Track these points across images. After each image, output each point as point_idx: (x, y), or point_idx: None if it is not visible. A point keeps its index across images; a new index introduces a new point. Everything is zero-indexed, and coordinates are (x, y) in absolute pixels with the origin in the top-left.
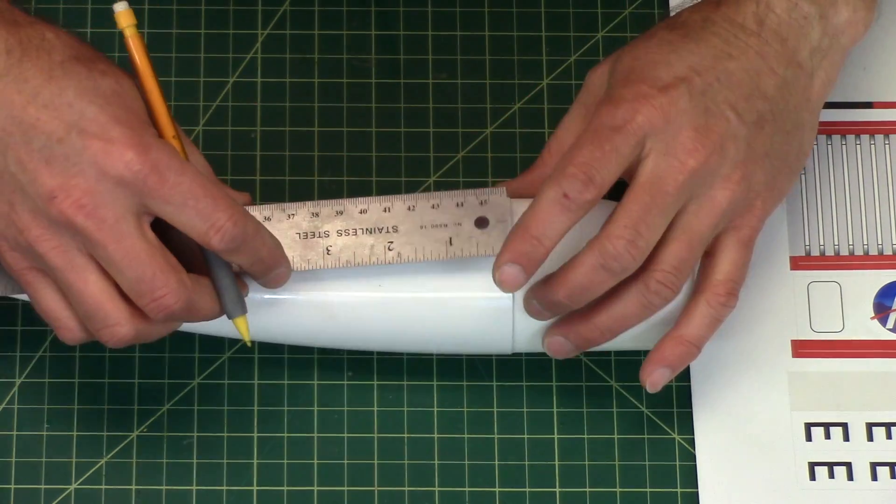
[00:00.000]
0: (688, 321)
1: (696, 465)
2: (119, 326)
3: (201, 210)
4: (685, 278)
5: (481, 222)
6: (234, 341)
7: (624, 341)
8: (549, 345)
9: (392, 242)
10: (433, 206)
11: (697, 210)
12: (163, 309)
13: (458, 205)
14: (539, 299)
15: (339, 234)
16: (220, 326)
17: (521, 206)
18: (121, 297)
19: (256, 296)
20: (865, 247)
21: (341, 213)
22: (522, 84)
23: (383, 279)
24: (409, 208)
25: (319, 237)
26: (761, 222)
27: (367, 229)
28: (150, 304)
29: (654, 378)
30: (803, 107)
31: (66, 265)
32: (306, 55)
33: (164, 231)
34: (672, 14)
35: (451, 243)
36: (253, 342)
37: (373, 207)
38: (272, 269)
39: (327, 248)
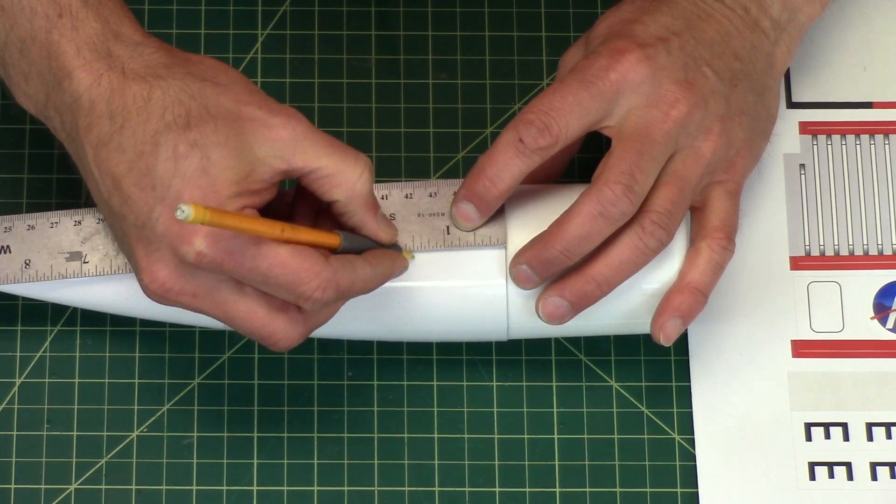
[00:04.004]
0: (692, 268)
1: (696, 465)
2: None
3: (283, 286)
4: (678, 222)
5: None
6: (234, 341)
7: (619, 320)
8: (543, 308)
9: None
10: (430, 195)
11: (684, 159)
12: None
13: (455, 193)
14: (530, 260)
15: None
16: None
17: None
18: (271, 308)
19: None
20: (865, 247)
21: None
22: (522, 84)
23: None
24: (406, 196)
25: None
26: (743, 178)
27: None
28: (271, 346)
29: (668, 330)
30: (768, 72)
31: (208, 311)
32: (306, 55)
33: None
34: None
35: (448, 232)
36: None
37: None
38: (385, 282)
39: None
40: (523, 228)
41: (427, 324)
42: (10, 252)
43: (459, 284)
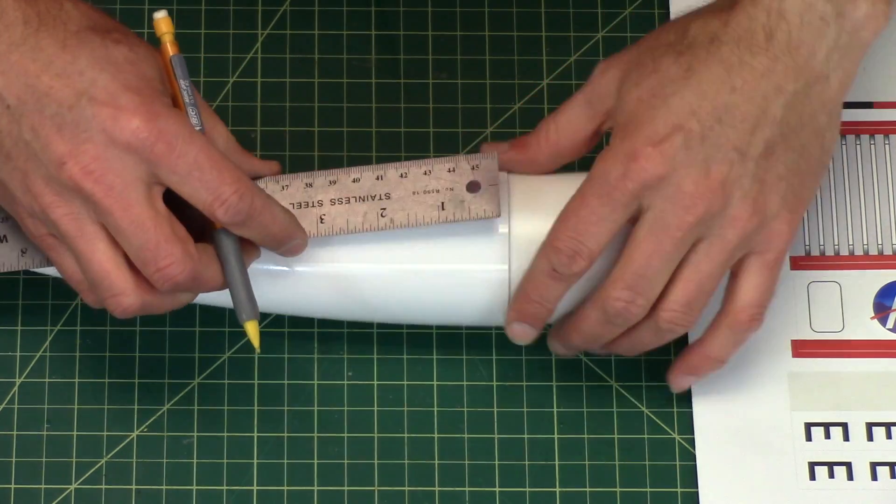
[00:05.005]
0: (711, 341)
1: (696, 465)
2: (124, 296)
3: (206, 181)
4: (697, 314)
5: (473, 186)
6: (234, 341)
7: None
8: None
9: (384, 209)
10: (425, 173)
11: (708, 249)
12: (168, 279)
13: (449, 170)
14: (559, 345)
15: (333, 203)
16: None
17: (514, 179)
18: (128, 267)
19: (256, 266)
20: (865, 247)
21: (335, 182)
22: (522, 84)
23: (380, 251)
24: (401, 175)
25: (313, 207)
26: (789, 243)
27: (360, 197)
28: (154, 273)
29: (680, 383)
30: (819, 111)
31: (76, 232)
32: (306, 55)
33: (183, 206)
34: (681, 16)
35: (443, 208)
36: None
37: (366, 176)
38: (285, 242)
39: (321, 217)
40: (524, 217)
41: (428, 308)
42: (6, 241)
43: (462, 268)
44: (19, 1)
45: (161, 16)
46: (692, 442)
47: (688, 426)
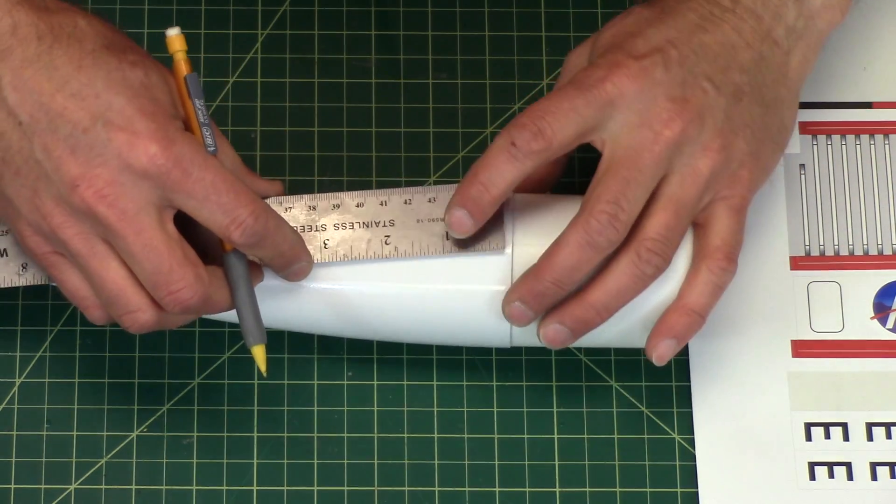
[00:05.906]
0: (690, 290)
1: (695, 465)
2: (140, 312)
3: (223, 205)
4: (674, 247)
5: None
6: (234, 341)
7: (617, 336)
8: (544, 335)
9: (389, 237)
10: (430, 200)
11: (681, 180)
12: (179, 302)
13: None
14: (522, 295)
15: (336, 227)
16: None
17: (517, 199)
18: (141, 284)
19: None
20: (865, 247)
21: (338, 206)
22: (522, 84)
23: (381, 270)
24: (405, 202)
25: (317, 231)
26: (750, 192)
27: (363, 223)
28: (166, 296)
29: (661, 350)
30: (780, 82)
31: (87, 252)
32: (306, 55)
33: (188, 225)
34: None
35: (447, 238)
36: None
37: (370, 201)
38: (293, 263)
39: (324, 242)
40: (526, 237)
41: (429, 329)
42: (6, 255)
43: (463, 290)
44: (32, 16)
45: (174, 33)
46: (692, 442)
47: (688, 426)
